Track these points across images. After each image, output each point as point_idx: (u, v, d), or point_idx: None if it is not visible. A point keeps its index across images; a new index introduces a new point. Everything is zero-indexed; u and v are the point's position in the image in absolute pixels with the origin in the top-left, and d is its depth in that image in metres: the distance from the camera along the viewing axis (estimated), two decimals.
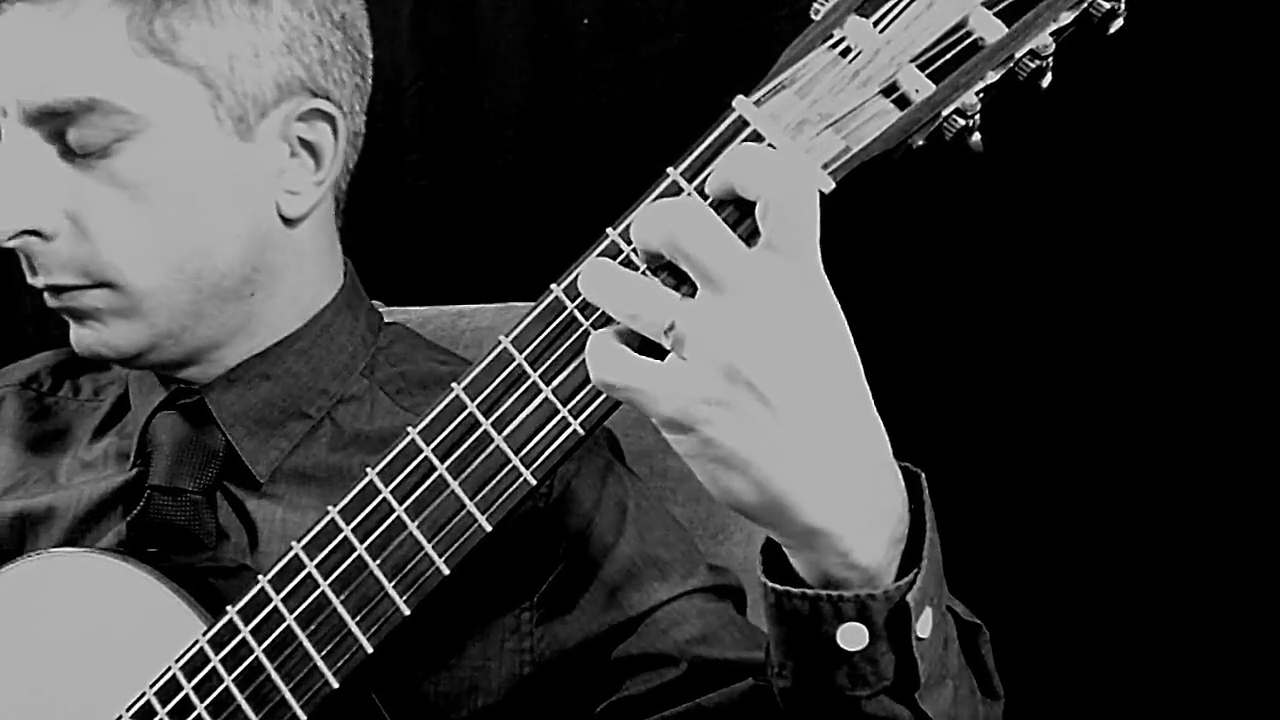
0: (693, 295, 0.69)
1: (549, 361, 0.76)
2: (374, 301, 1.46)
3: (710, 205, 0.71)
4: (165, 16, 0.94)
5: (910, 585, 0.71)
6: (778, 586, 0.72)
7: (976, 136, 0.73)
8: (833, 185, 0.71)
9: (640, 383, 0.69)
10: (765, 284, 0.67)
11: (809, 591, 0.71)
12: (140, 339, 1.00)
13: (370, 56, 1.08)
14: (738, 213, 0.71)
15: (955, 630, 0.78)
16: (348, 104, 1.04)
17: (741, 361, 0.66)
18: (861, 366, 0.70)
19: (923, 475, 0.75)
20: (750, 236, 0.69)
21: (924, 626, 0.72)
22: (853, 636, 0.71)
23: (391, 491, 0.81)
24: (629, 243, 0.74)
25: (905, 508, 0.73)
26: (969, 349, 1.39)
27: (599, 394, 0.75)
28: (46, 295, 1.01)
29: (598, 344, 0.71)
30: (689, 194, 0.73)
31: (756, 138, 0.72)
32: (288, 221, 1.03)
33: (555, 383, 0.76)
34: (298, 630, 0.83)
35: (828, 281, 0.69)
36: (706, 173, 0.73)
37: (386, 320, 1.18)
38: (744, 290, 0.66)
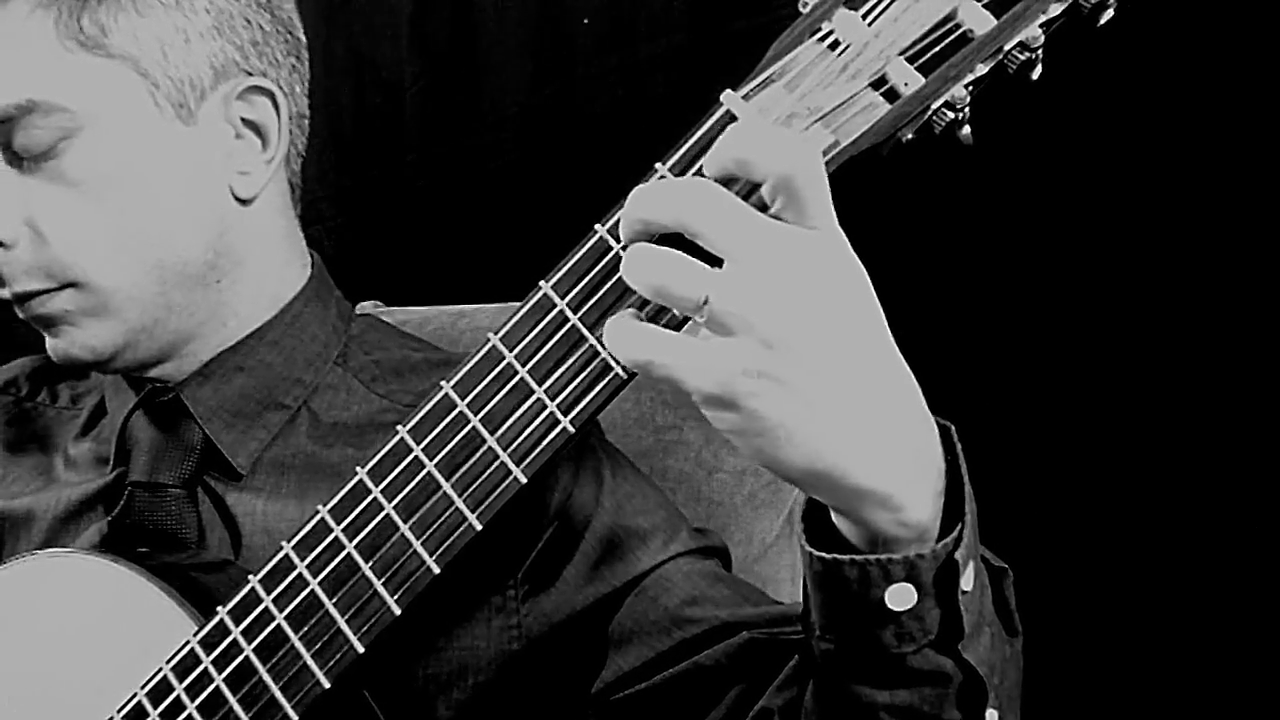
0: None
1: (538, 358, 0.76)
2: (374, 301, 1.47)
3: None
4: (92, 12, 0.97)
5: (957, 542, 0.71)
6: (826, 555, 0.72)
7: (966, 129, 0.73)
8: None
9: (678, 358, 0.67)
10: (790, 254, 0.66)
11: (858, 557, 0.71)
12: (115, 337, 1.01)
13: (304, 40, 1.10)
14: (748, 186, 0.70)
15: (987, 577, 0.78)
16: (286, 84, 1.06)
17: (779, 332, 0.65)
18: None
19: (953, 427, 0.74)
20: (759, 206, 0.68)
21: (967, 580, 0.72)
22: (901, 597, 0.71)
23: (382, 491, 0.81)
24: (617, 240, 0.74)
25: (943, 459, 0.72)
26: (959, 342, 1.38)
27: (588, 391, 0.75)
28: (16, 307, 1.02)
29: (621, 325, 0.69)
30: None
31: None
32: (243, 203, 1.04)
33: (545, 380, 0.76)
34: (288, 630, 0.83)
35: (845, 239, 0.68)
36: (695, 169, 0.72)
37: (359, 312, 1.19)
38: (770, 262, 0.66)
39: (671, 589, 0.96)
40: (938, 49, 0.71)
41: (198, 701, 0.85)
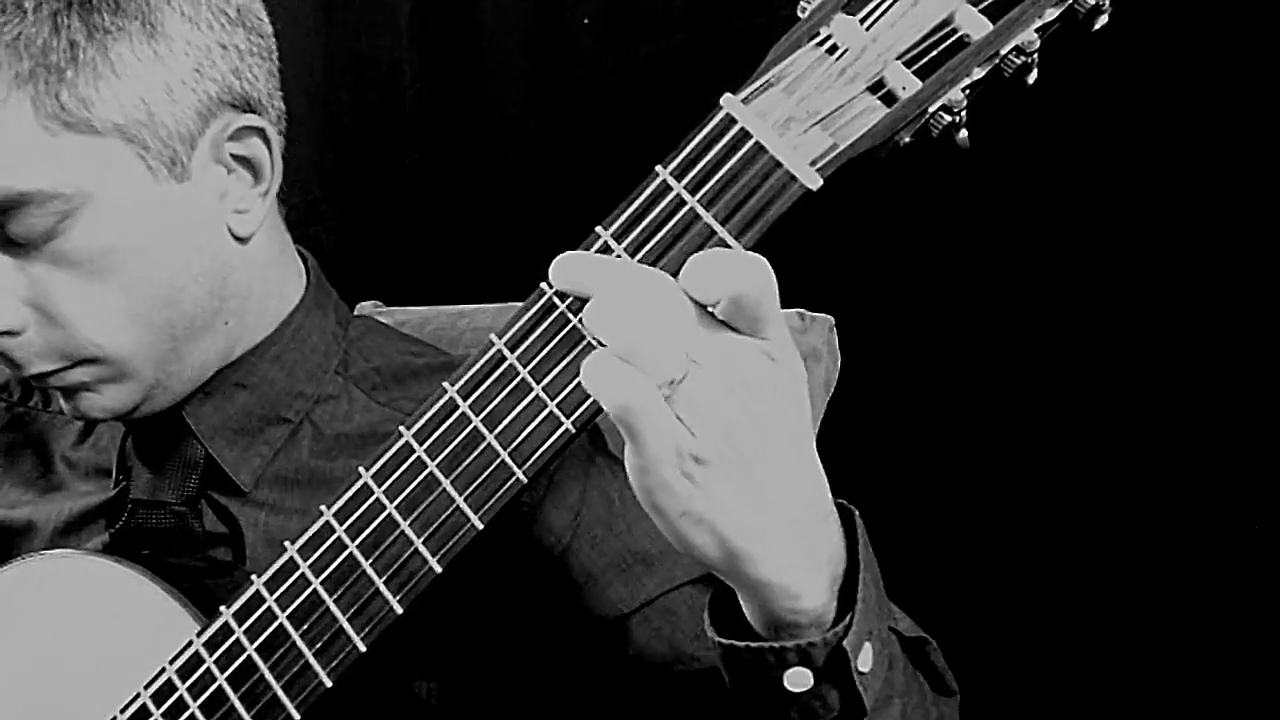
0: None
1: (539, 359, 0.76)
2: (374, 301, 1.48)
3: None
4: (70, 86, 0.91)
5: (847, 630, 0.74)
6: (723, 641, 0.76)
7: (963, 133, 0.73)
8: (820, 182, 0.71)
9: (655, 413, 0.68)
10: (739, 365, 0.69)
11: (753, 645, 0.75)
12: (133, 397, 0.99)
13: (270, 30, 1.04)
14: None
15: (900, 648, 0.81)
16: (266, 96, 1.01)
17: (729, 429, 0.68)
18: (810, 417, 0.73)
19: (857, 513, 0.77)
20: None
21: (865, 661, 0.76)
22: (798, 679, 0.75)
23: (384, 491, 0.81)
24: (619, 241, 0.74)
25: (843, 547, 0.76)
26: (955, 344, 1.39)
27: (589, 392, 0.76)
28: (33, 383, 1.00)
29: (605, 363, 0.69)
30: (689, 204, 0.73)
31: (744, 135, 0.72)
32: (242, 240, 1.01)
33: (546, 381, 0.76)
34: (290, 630, 0.83)
35: (790, 342, 0.71)
36: (695, 171, 0.73)
37: (358, 313, 1.17)
38: (722, 369, 0.68)
39: (676, 621, 0.98)
40: (934, 53, 0.71)
41: (200, 701, 0.85)
